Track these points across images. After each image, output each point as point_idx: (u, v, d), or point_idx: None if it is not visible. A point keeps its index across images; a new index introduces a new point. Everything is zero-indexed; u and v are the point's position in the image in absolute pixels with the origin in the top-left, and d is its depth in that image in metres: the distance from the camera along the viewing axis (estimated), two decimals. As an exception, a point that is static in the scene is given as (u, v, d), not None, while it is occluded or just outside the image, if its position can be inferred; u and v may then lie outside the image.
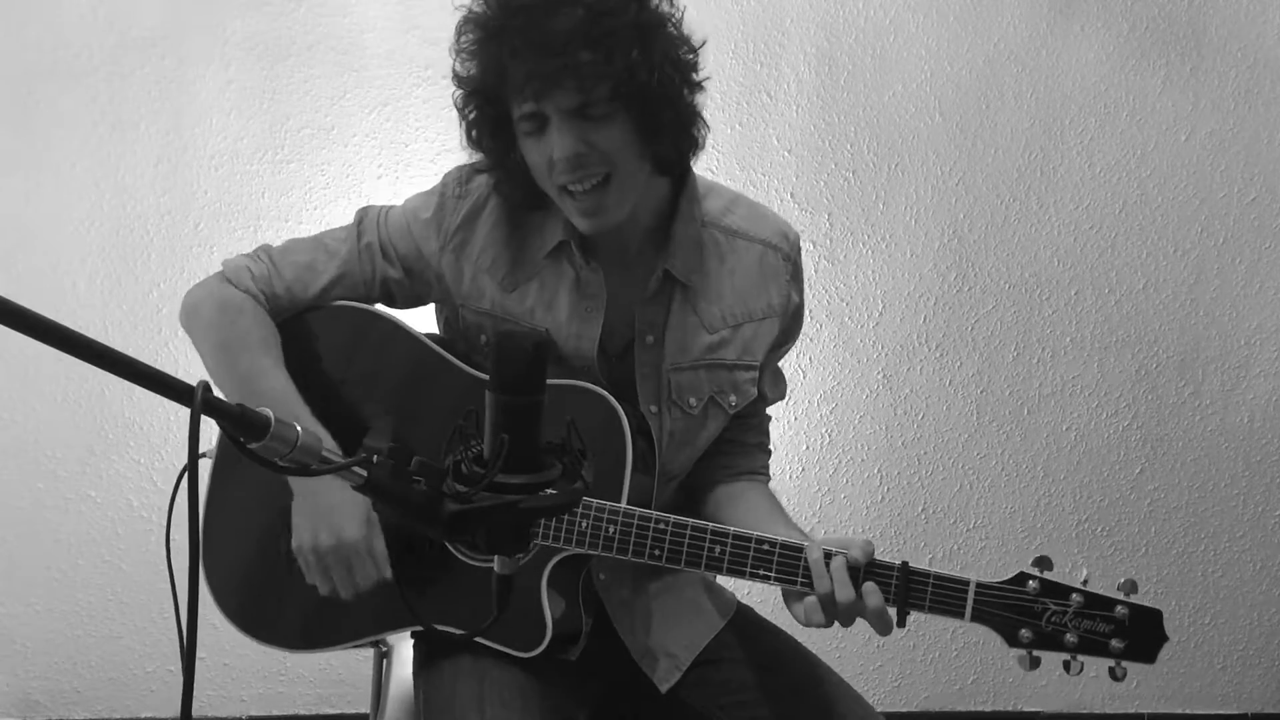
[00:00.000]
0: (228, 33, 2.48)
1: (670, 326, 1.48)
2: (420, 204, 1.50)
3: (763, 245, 1.53)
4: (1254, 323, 2.67)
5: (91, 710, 2.61)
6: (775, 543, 1.35)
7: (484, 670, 1.40)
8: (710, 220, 1.51)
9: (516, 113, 1.34)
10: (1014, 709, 2.74)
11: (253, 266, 1.49)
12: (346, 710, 2.64)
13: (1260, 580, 2.74)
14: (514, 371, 0.92)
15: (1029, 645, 1.32)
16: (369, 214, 1.52)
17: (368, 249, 1.49)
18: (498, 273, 1.47)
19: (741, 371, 1.52)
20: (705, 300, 1.49)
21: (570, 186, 1.35)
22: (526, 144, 1.36)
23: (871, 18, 2.57)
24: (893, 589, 1.33)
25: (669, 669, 1.50)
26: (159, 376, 0.85)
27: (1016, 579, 1.33)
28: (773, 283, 1.53)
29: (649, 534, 1.37)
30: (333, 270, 1.48)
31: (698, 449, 1.54)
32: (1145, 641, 1.30)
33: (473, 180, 1.49)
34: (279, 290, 1.47)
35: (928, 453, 2.66)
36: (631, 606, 1.51)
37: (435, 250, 1.47)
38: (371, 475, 0.92)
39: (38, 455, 2.54)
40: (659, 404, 1.48)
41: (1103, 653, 1.31)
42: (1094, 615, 1.31)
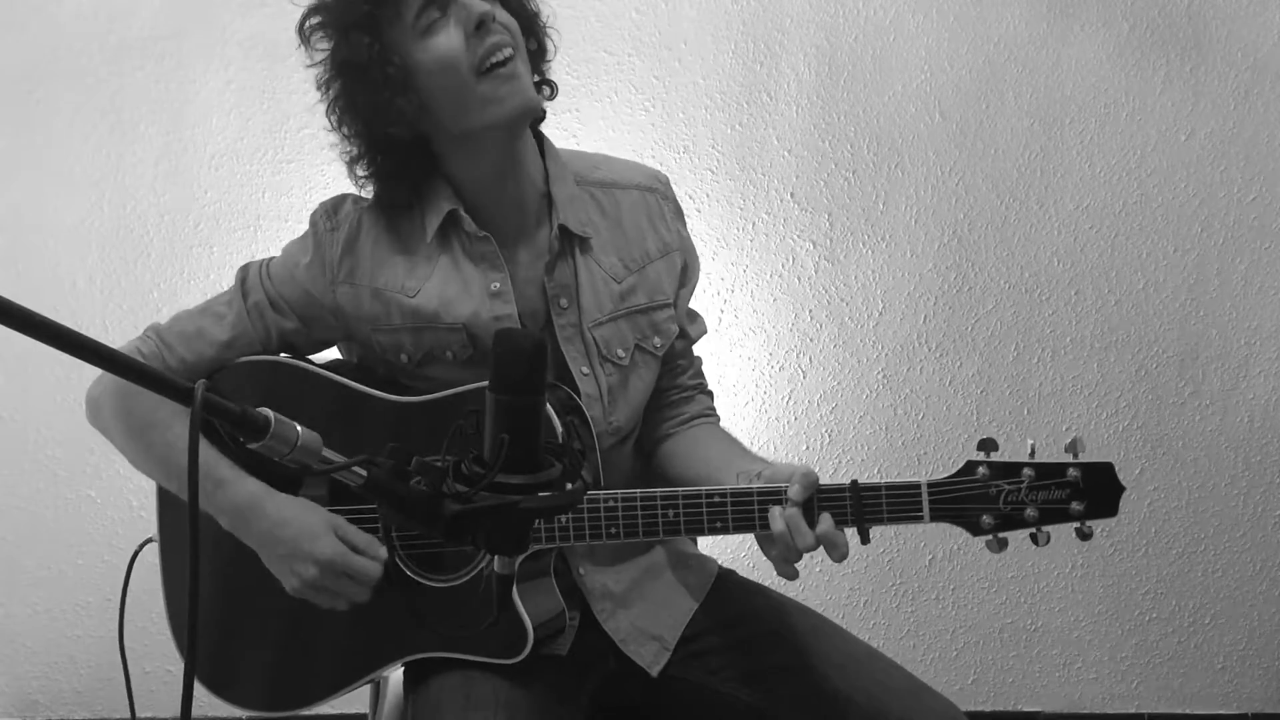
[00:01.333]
0: (228, 33, 2.48)
1: (580, 286, 1.49)
2: (297, 249, 1.51)
3: (638, 189, 1.57)
4: (1254, 323, 2.67)
5: (91, 710, 2.61)
6: (725, 493, 1.35)
7: (469, 684, 1.40)
8: (581, 179, 1.54)
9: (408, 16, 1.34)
10: (1014, 709, 2.74)
11: (141, 347, 1.48)
12: (346, 710, 2.63)
13: (1260, 580, 2.74)
14: (513, 372, 0.92)
15: (992, 530, 1.33)
16: (250, 271, 1.52)
17: (255, 307, 1.48)
18: (395, 284, 1.47)
19: (657, 312, 1.54)
20: (603, 252, 1.51)
21: (493, 57, 1.35)
22: (428, 45, 1.35)
23: (871, 18, 2.57)
24: (848, 509, 1.33)
25: (657, 652, 1.51)
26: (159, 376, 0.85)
27: (965, 469, 1.34)
28: (659, 221, 1.57)
29: (600, 514, 1.37)
30: (224, 334, 1.47)
31: (638, 399, 1.54)
32: (1103, 496, 1.32)
33: (339, 211, 1.51)
34: (173, 365, 1.46)
35: (928, 453, 2.66)
36: (612, 596, 1.51)
37: (325, 288, 1.47)
38: (371, 475, 0.92)
39: (38, 455, 2.54)
40: (589, 364, 1.49)
41: (1064, 518, 1.32)
42: (1048, 484, 1.32)
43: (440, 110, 1.39)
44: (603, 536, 1.37)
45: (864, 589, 2.67)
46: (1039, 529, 1.32)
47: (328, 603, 1.39)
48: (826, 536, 1.31)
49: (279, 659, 1.48)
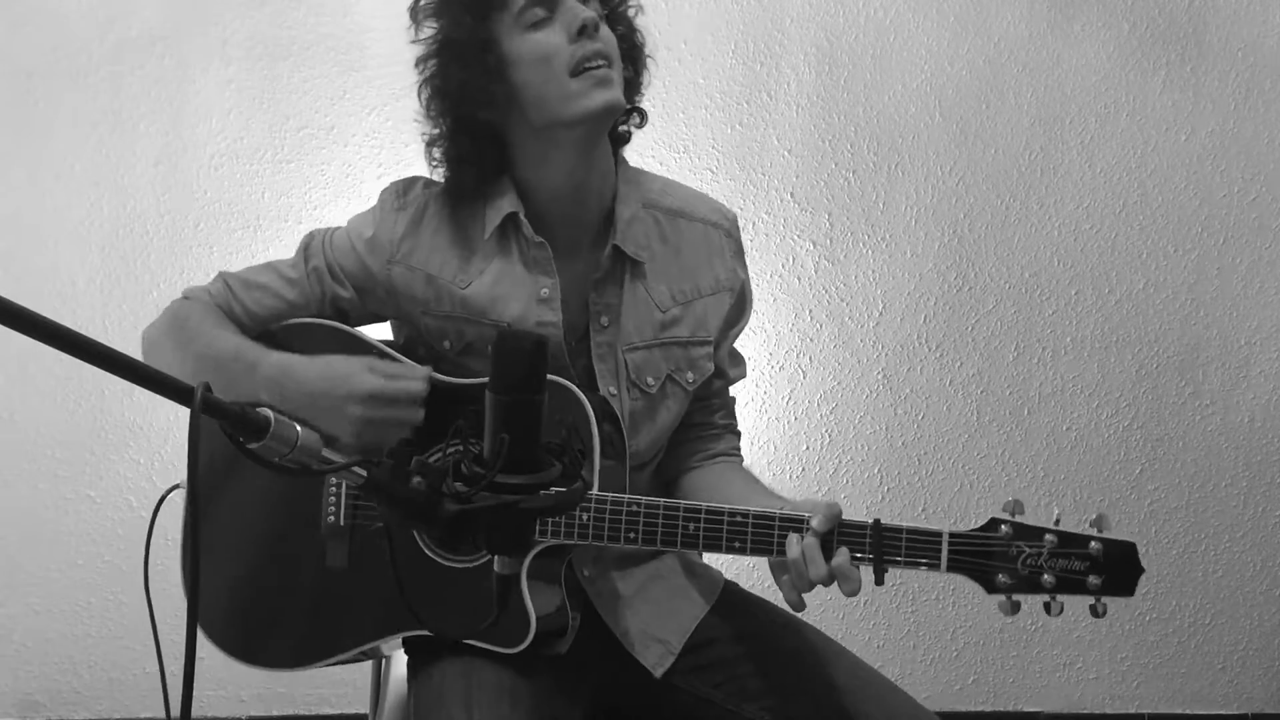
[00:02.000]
0: (228, 33, 2.48)
1: (624, 307, 1.50)
2: (362, 223, 1.53)
3: (704, 223, 1.57)
4: (1254, 323, 2.67)
5: (91, 710, 2.61)
6: (748, 514, 1.35)
7: (472, 672, 1.40)
8: (649, 202, 1.54)
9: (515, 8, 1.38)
10: (1014, 709, 2.74)
11: (211, 288, 1.53)
12: (346, 710, 2.64)
13: (1260, 580, 2.74)
14: (514, 372, 0.92)
15: (1007, 590, 1.32)
16: (314, 238, 1.55)
17: (315, 272, 1.51)
18: (449, 273, 1.48)
19: (696, 348, 1.54)
20: (654, 279, 1.52)
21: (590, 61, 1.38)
22: (530, 39, 1.39)
23: (871, 18, 2.57)
24: (867, 547, 1.33)
25: (661, 655, 1.51)
26: (159, 377, 0.85)
27: (989, 525, 1.33)
28: (718, 259, 1.56)
29: (622, 517, 1.37)
30: (287, 294, 1.51)
31: (661, 430, 1.55)
32: (1122, 575, 1.30)
33: (409, 192, 1.52)
34: (236, 309, 1.51)
35: (928, 453, 2.66)
36: (617, 597, 1.52)
37: (382, 265, 1.49)
38: (372, 475, 0.92)
39: (38, 455, 2.54)
40: (618, 385, 1.49)
41: (1081, 590, 1.30)
42: (1069, 554, 1.30)
43: (528, 102, 1.41)
44: (621, 540, 1.37)
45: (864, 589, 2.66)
46: (1054, 597, 1.31)
47: (389, 435, 1.38)
48: (840, 569, 1.32)
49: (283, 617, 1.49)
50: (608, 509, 1.37)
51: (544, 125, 1.42)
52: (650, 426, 1.53)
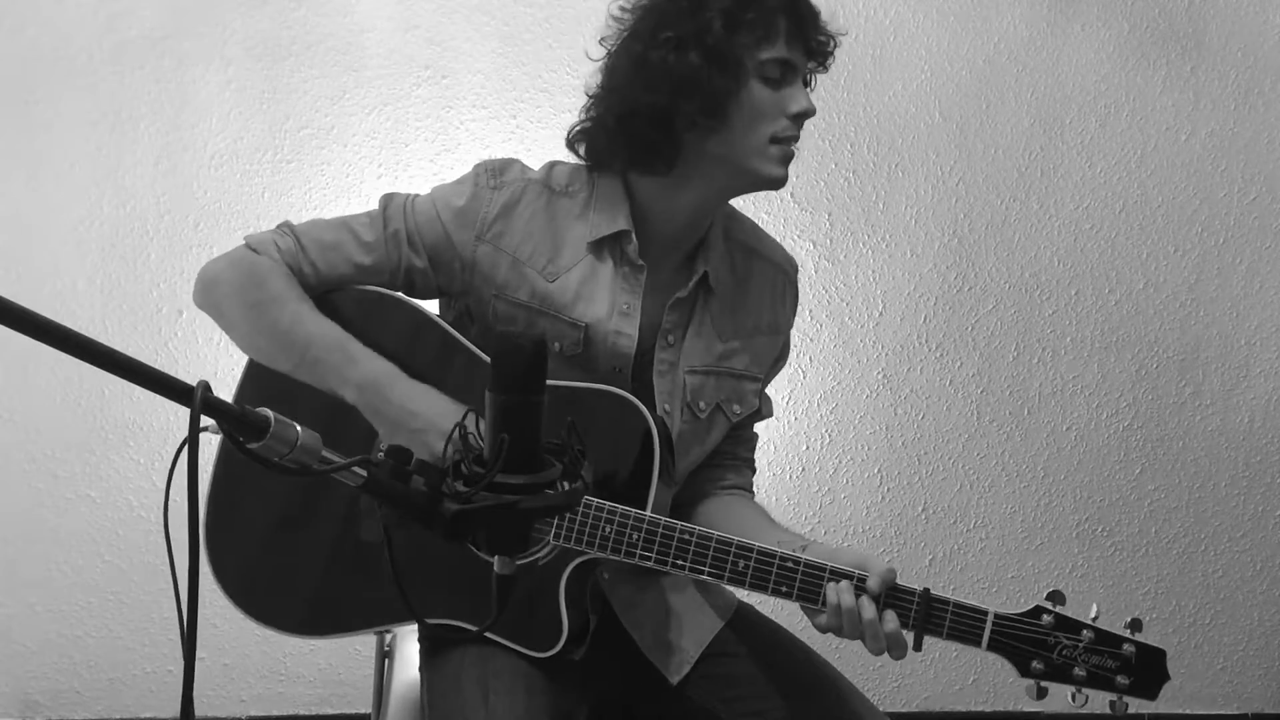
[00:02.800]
0: (228, 33, 2.48)
1: (690, 329, 1.52)
2: (451, 193, 1.48)
3: (773, 266, 1.61)
4: (1254, 323, 2.67)
5: (91, 710, 2.61)
6: (799, 561, 1.37)
7: (489, 656, 1.41)
8: (730, 234, 1.58)
9: (763, 55, 1.40)
10: (1014, 709, 2.74)
11: (279, 241, 1.46)
12: (346, 710, 2.64)
13: (1260, 580, 2.74)
14: (513, 372, 0.92)
15: (1039, 676, 1.36)
16: (394, 201, 1.49)
17: (394, 236, 1.46)
18: (538, 263, 1.47)
19: (748, 382, 1.57)
20: (721, 309, 1.54)
21: (789, 140, 1.44)
22: (758, 89, 1.41)
23: (871, 18, 2.57)
24: (912, 615, 1.35)
25: (679, 662, 1.51)
26: (159, 376, 0.85)
27: (1032, 612, 1.36)
28: (779, 303, 1.61)
29: (673, 543, 1.38)
30: (360, 256, 1.46)
31: (700, 455, 1.57)
32: (1149, 679, 1.35)
33: (506, 172, 1.49)
34: (305, 269, 1.45)
35: (928, 453, 2.66)
36: (637, 603, 1.52)
37: (469, 240, 1.46)
38: (372, 475, 0.92)
39: (38, 455, 2.54)
40: (672, 404, 1.50)
41: (1108, 687, 1.35)
42: (1103, 651, 1.35)
43: (721, 132, 1.42)
44: (669, 565, 1.38)
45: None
46: (1079, 689, 1.36)
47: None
48: (894, 637, 1.34)
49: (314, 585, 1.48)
50: (659, 533, 1.38)
51: (717, 158, 1.43)
52: (694, 451, 1.55)
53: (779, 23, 1.41)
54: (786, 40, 1.42)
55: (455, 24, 2.51)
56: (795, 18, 1.42)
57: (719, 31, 1.39)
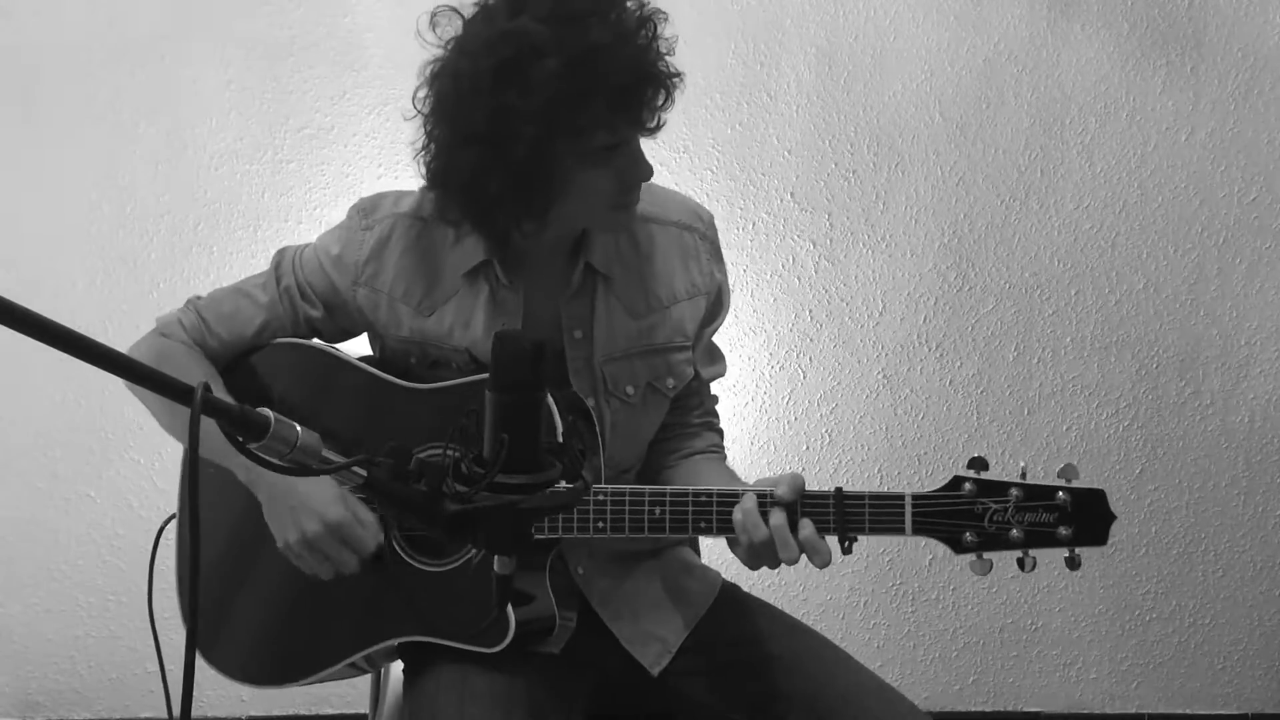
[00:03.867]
0: (228, 33, 2.48)
1: (596, 319, 1.50)
2: (329, 240, 1.53)
3: (676, 227, 1.55)
4: (1254, 323, 2.67)
5: (91, 710, 2.61)
6: (711, 494, 1.36)
7: (466, 678, 1.40)
8: None
9: (584, 146, 1.32)
10: (1014, 709, 2.74)
11: (184, 319, 1.52)
12: (346, 710, 2.64)
13: (1260, 580, 2.74)
14: (513, 372, 0.92)
15: (976, 548, 1.30)
16: (285, 256, 1.54)
17: (286, 292, 1.51)
18: (412, 299, 1.48)
19: (675, 353, 1.53)
20: (627, 288, 1.51)
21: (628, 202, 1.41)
22: (586, 173, 1.34)
23: (871, 18, 2.57)
24: (831, 518, 1.33)
25: (659, 653, 1.51)
26: (159, 376, 0.85)
27: (952, 483, 1.32)
28: (693, 262, 1.55)
29: (589, 507, 1.37)
30: (258, 317, 1.51)
31: (643, 437, 1.55)
32: (1093, 524, 1.28)
33: (376, 210, 1.51)
34: (211, 342, 1.51)
35: (928, 453, 2.66)
36: (614, 595, 1.52)
37: (349, 285, 1.50)
38: (371, 475, 0.92)
39: (38, 455, 2.54)
40: (595, 397, 1.49)
41: (1051, 542, 1.29)
42: (1036, 507, 1.29)
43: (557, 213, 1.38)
44: (590, 530, 1.37)
45: (864, 589, 2.67)
46: (1025, 552, 1.30)
47: (315, 566, 1.39)
48: (808, 542, 1.32)
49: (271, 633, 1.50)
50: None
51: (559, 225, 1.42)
52: (631, 435, 1.53)
53: (597, 120, 1.30)
54: (610, 128, 1.32)
55: (455, 24, 2.50)
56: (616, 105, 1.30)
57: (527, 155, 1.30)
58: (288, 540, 1.39)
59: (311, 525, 1.36)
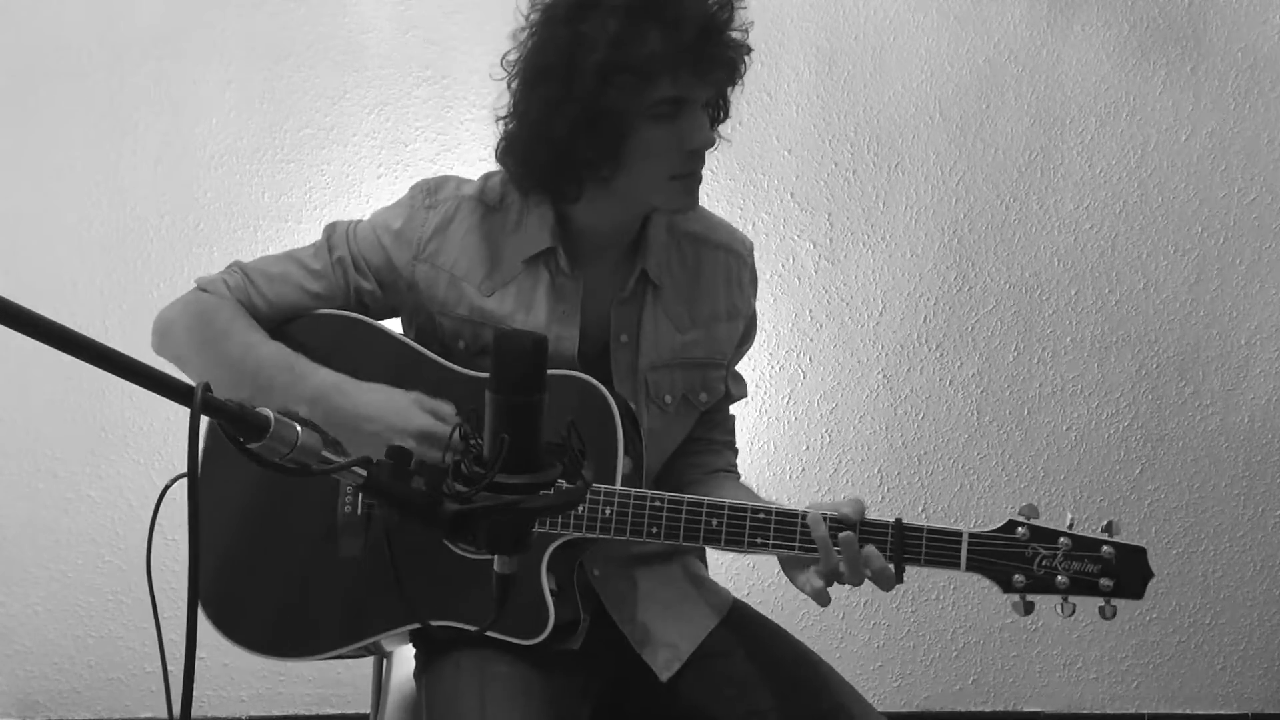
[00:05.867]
0: (228, 33, 2.48)
1: (644, 327, 1.53)
2: (389, 216, 1.53)
3: (724, 250, 1.62)
4: (1254, 323, 2.67)
5: (91, 710, 2.61)
6: (770, 510, 1.38)
7: (485, 666, 1.40)
8: (673, 226, 1.57)
9: (651, 96, 1.35)
10: (1014, 709, 2.74)
11: (228, 279, 1.50)
12: (346, 710, 2.64)
13: (1260, 580, 2.74)
14: (513, 371, 0.92)
15: (1023, 589, 1.36)
16: (337, 229, 1.54)
17: (339, 263, 1.51)
18: (474, 278, 1.49)
19: (711, 370, 1.59)
20: (675, 302, 1.55)
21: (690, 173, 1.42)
22: (649, 129, 1.37)
23: (871, 18, 2.57)
24: (889, 545, 1.36)
25: (670, 659, 1.51)
26: (159, 376, 0.85)
27: (1006, 527, 1.38)
28: (735, 286, 1.62)
29: (645, 512, 1.39)
30: (310, 284, 1.50)
31: (671, 447, 1.59)
32: (1132, 578, 1.36)
33: (440, 190, 1.52)
34: (257, 303, 1.49)
35: (928, 453, 2.66)
36: (628, 598, 1.52)
37: (408, 261, 1.50)
38: (371, 475, 0.92)
39: (38, 455, 2.54)
40: (637, 402, 1.51)
41: (1093, 592, 1.36)
42: (1082, 556, 1.36)
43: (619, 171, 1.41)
44: (644, 534, 1.39)
45: (864, 589, 2.64)
46: (1066, 598, 1.36)
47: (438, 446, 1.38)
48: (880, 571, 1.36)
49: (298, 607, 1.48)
50: (630, 504, 1.39)
51: (621, 192, 1.44)
52: (662, 444, 1.56)
53: (661, 62, 1.33)
54: (673, 77, 1.35)
55: (455, 24, 2.51)
56: (681, 50, 1.34)
57: (591, 88, 1.34)
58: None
59: (404, 441, 1.35)
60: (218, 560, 1.49)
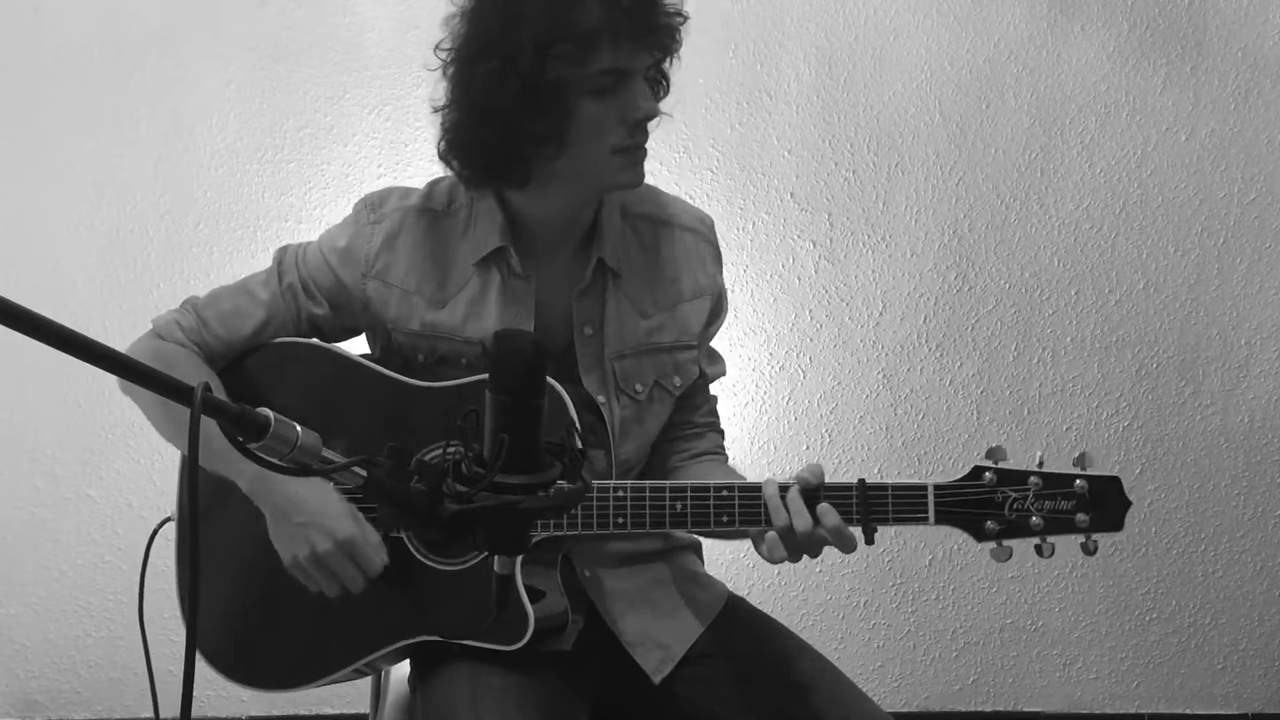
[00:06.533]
0: (228, 33, 2.48)
1: (607, 316, 1.51)
2: (335, 235, 1.52)
3: (681, 229, 1.57)
4: (1254, 323, 2.67)
5: (91, 710, 2.61)
6: (733, 487, 1.36)
7: (477, 676, 1.40)
8: (627, 210, 1.55)
9: (591, 67, 1.34)
10: (1014, 709, 2.74)
11: (181, 320, 1.50)
12: (346, 710, 2.64)
13: (1260, 580, 2.74)
14: (513, 372, 0.92)
15: (997, 536, 1.33)
16: (287, 254, 1.53)
17: (289, 289, 1.50)
18: (425, 291, 1.48)
19: (681, 352, 1.56)
20: (636, 287, 1.53)
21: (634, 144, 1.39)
22: (589, 105, 1.36)
23: (871, 18, 2.57)
24: (854, 507, 1.34)
25: (662, 660, 1.50)
26: (159, 376, 0.85)
27: (972, 474, 1.34)
28: (698, 264, 1.57)
29: (609, 503, 1.37)
30: (259, 315, 1.50)
31: (649, 435, 1.56)
32: (1110, 510, 1.33)
33: (384, 204, 1.51)
34: (210, 341, 1.50)
35: (928, 453, 2.66)
36: (619, 599, 1.51)
37: (357, 279, 1.49)
38: (371, 475, 0.92)
39: (38, 455, 2.54)
40: (606, 394, 1.50)
41: (1070, 529, 1.32)
42: (1054, 494, 1.32)
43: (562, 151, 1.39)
44: (610, 526, 1.38)
45: (864, 589, 2.67)
46: (1044, 539, 1.32)
47: (321, 583, 1.40)
48: (835, 530, 1.32)
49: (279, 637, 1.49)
50: (594, 497, 1.38)
51: (566, 174, 1.42)
52: (639, 432, 1.54)
53: (600, 29, 1.32)
54: (611, 46, 1.34)
55: (455, 24, 2.50)
56: (618, 16, 1.33)
57: (531, 61, 1.32)
58: (296, 556, 1.38)
59: (322, 543, 1.36)
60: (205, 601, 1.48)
